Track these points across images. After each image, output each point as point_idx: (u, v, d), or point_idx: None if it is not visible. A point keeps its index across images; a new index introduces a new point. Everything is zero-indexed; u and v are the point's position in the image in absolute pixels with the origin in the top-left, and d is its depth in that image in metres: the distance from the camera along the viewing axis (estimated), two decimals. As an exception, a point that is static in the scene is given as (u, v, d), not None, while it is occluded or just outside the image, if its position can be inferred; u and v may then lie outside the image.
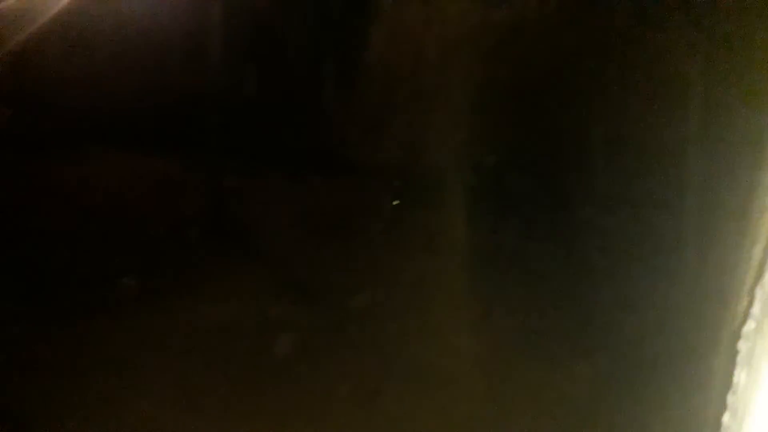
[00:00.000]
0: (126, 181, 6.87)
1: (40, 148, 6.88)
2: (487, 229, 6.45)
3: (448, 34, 7.41)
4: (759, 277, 2.38)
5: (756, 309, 2.33)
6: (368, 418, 3.41)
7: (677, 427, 3.30)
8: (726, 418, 2.36)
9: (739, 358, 2.37)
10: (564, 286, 5.14)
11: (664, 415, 3.39)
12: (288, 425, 3.35)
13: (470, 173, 7.13)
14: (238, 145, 7.60)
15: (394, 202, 6.94)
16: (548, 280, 5.35)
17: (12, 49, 7.14)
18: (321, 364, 3.91)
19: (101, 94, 7.72)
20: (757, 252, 2.46)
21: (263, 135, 7.93)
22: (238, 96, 7.90)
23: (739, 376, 2.36)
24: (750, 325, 2.34)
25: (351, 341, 4.27)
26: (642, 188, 5.63)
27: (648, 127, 5.62)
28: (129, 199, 6.51)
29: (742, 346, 2.37)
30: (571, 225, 6.62)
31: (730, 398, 2.35)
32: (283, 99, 8.10)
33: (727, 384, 2.37)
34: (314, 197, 7.02)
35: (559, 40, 6.75)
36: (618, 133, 6.04)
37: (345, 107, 7.70)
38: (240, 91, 7.99)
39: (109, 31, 7.84)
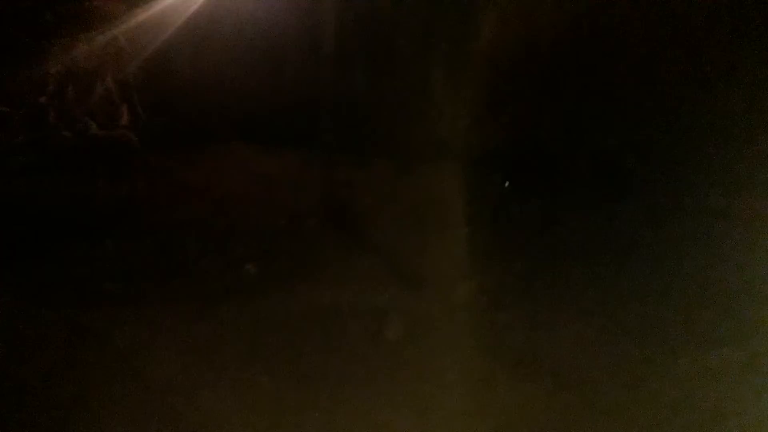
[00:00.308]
0: (250, 176, 7.39)
1: (172, 147, 7.60)
2: (604, 216, 6.25)
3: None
4: None
5: None
6: (478, 407, 3.41)
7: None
8: None
9: None
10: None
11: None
12: (396, 407, 3.44)
13: (582, 160, 6.95)
14: (351, 140, 7.96)
15: (506, 184, 6.90)
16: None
17: (150, 56, 7.95)
18: (430, 350, 3.98)
19: (228, 94, 8.38)
20: None
21: (373, 129, 8.22)
22: (350, 92, 8.30)
23: None
24: None
25: (459, 329, 4.30)
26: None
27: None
28: (252, 193, 7.01)
29: None
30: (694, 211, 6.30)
31: None
32: (393, 94, 8.35)
33: None
34: (424, 187, 7.14)
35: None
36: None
37: (453, 100, 7.80)
38: (353, 88, 8.40)
39: (233, 35, 8.48)
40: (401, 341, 4.06)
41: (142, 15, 7.68)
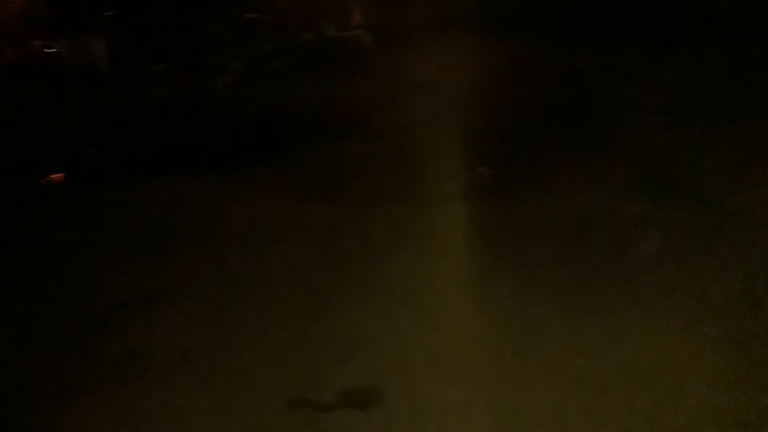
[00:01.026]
0: (481, 70, 7.09)
1: (398, 44, 7.59)
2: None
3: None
4: None
5: None
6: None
7: None
8: None
9: None
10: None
11: None
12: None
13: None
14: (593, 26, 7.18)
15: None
16: None
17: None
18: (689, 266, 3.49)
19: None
20: None
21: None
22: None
23: None
24: None
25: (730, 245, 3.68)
26: None
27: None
28: (486, 87, 6.73)
29: None
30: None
31: None
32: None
33: None
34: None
35: None
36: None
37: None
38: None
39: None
40: (650, 257, 3.59)
41: None
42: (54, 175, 6.04)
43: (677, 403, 2.50)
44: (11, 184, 5.68)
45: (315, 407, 2.64)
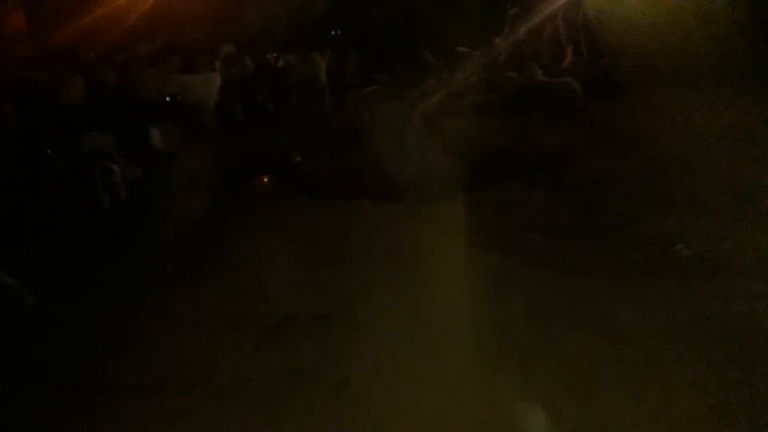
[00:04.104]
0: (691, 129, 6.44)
1: (612, 94, 7.17)
2: None
3: None
4: None
5: None
6: None
7: None
8: None
9: None
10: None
11: None
12: None
13: None
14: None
15: None
16: None
17: None
18: None
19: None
20: None
21: None
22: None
23: None
24: None
25: None
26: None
27: None
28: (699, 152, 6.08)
29: None
30: None
31: None
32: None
33: None
34: None
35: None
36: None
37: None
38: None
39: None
40: None
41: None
42: (262, 177, 6.75)
43: None
44: (224, 179, 6.43)
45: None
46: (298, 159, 7.07)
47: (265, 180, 6.73)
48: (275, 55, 9.74)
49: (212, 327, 3.80)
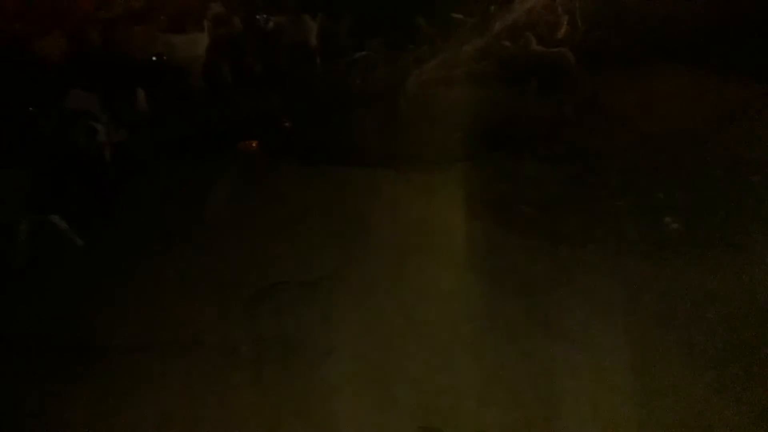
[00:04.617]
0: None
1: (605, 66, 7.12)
2: None
3: None
4: None
5: None
6: None
7: None
8: None
9: None
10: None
11: None
12: None
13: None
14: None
15: None
16: None
17: None
18: None
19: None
20: None
21: None
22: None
23: None
24: None
25: None
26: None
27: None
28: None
29: None
30: None
31: None
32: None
33: None
34: None
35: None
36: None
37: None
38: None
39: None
40: None
41: None
42: (250, 142, 6.63)
43: None
44: (210, 143, 6.32)
45: None
46: (287, 124, 6.95)
47: (253, 145, 6.62)
48: (265, 16, 9.49)
49: (200, 292, 3.78)
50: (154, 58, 7.56)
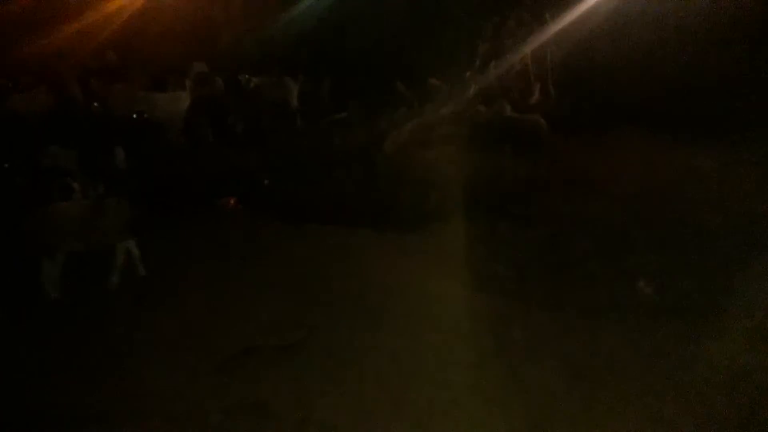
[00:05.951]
0: (651, 167, 6.59)
1: (577, 131, 7.41)
2: None
3: None
4: None
5: None
6: None
7: None
8: None
9: None
10: None
11: None
12: None
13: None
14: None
15: None
16: None
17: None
18: None
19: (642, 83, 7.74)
20: None
21: None
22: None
23: None
24: None
25: None
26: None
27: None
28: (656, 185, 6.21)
29: None
30: None
31: None
32: None
33: None
34: None
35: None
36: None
37: None
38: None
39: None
40: None
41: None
42: (229, 199, 6.65)
43: None
44: (191, 199, 6.32)
45: None
46: (267, 182, 6.99)
47: (232, 202, 6.63)
48: (247, 76, 9.69)
49: (170, 356, 3.69)
50: (134, 116, 7.62)
